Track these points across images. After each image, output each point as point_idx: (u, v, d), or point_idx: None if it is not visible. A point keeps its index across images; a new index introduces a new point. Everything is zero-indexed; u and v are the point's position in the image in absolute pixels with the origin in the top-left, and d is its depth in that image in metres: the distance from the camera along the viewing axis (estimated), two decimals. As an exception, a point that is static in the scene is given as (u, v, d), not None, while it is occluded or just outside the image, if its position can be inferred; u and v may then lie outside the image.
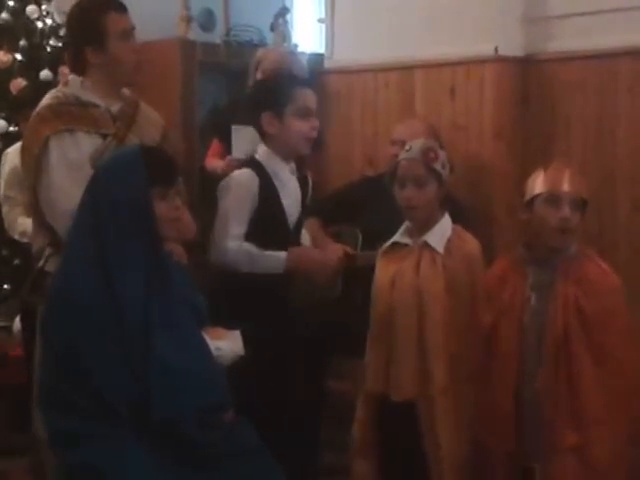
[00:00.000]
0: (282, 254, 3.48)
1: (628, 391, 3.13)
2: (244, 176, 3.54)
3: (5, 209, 4.68)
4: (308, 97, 3.57)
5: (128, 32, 3.36)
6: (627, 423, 3.12)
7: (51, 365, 2.79)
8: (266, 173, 3.53)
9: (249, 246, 3.46)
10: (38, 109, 3.36)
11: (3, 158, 4.79)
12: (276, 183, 3.53)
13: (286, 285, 3.56)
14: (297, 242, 3.66)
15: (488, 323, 3.26)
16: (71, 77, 3.43)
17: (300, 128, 3.54)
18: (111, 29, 3.32)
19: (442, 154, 3.35)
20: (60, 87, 3.46)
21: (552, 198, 3.18)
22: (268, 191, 3.51)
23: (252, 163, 3.59)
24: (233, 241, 3.45)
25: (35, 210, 3.34)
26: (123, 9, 3.38)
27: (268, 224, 3.51)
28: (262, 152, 3.59)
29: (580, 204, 3.21)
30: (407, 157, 3.32)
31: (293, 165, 3.62)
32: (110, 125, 3.35)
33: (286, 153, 3.57)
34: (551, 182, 3.20)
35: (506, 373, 3.21)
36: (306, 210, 3.77)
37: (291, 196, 3.58)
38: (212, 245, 3.49)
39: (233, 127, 4.25)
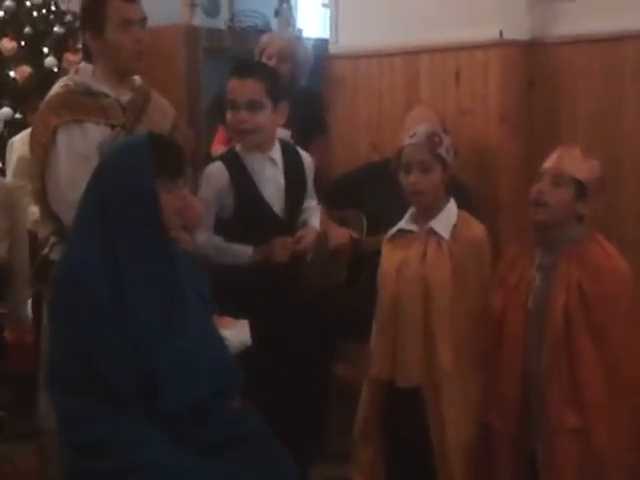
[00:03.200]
0: (248, 249, 3.48)
1: (631, 376, 3.13)
2: (212, 169, 3.56)
3: None
4: (232, 89, 3.53)
5: (131, 21, 3.30)
6: (630, 408, 3.12)
7: (59, 349, 2.80)
8: (240, 164, 3.53)
9: (217, 239, 3.50)
10: (48, 98, 3.35)
11: (9, 147, 4.79)
12: (251, 173, 3.52)
13: (291, 272, 3.57)
14: (290, 231, 3.59)
15: (498, 306, 3.27)
16: (82, 65, 3.43)
17: (227, 120, 3.55)
18: (111, 16, 3.28)
19: (446, 139, 3.35)
20: (71, 75, 3.44)
21: (539, 174, 3.24)
22: (241, 182, 3.50)
23: (227, 154, 3.62)
24: (201, 234, 3.45)
25: (42, 199, 3.34)
26: None
27: (251, 214, 3.51)
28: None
29: (567, 182, 3.20)
30: (412, 142, 3.32)
31: (271, 155, 3.57)
32: (119, 116, 3.34)
33: (241, 145, 3.57)
34: (547, 161, 3.26)
35: (512, 355, 3.22)
36: (303, 194, 3.74)
37: (269, 185, 3.54)
38: None
39: None
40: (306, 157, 3.71)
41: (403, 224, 3.39)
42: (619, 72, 4.24)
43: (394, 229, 3.41)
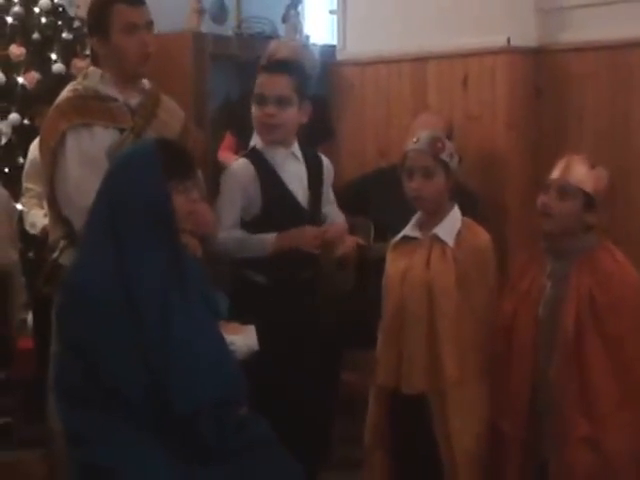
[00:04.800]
0: (270, 235, 3.50)
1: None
2: (237, 166, 3.60)
3: (24, 200, 4.72)
4: (262, 84, 3.58)
5: (136, 26, 3.31)
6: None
7: (67, 359, 2.80)
8: (263, 159, 3.56)
9: (239, 232, 3.52)
10: (57, 102, 3.36)
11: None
12: (275, 167, 3.56)
13: (301, 280, 3.57)
14: (316, 223, 3.65)
15: (509, 312, 3.27)
16: (91, 69, 3.44)
17: (254, 114, 3.58)
18: (115, 21, 3.29)
19: (449, 144, 3.35)
20: (80, 79, 3.45)
21: (546, 185, 3.24)
22: (268, 175, 3.54)
23: (250, 152, 3.66)
24: (223, 231, 3.48)
25: (52, 202, 3.35)
26: (137, 2, 3.34)
27: (279, 206, 3.54)
28: (257, 139, 3.68)
29: (574, 194, 3.18)
30: (415, 148, 3.33)
31: (292, 150, 3.62)
32: (128, 119, 3.35)
33: (264, 140, 3.60)
34: (553, 171, 3.25)
35: (522, 362, 3.21)
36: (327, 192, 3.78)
37: (293, 179, 3.60)
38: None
39: None
40: (325, 159, 3.78)
41: (407, 231, 3.38)
42: (627, 79, 4.24)
43: (399, 236, 3.41)
